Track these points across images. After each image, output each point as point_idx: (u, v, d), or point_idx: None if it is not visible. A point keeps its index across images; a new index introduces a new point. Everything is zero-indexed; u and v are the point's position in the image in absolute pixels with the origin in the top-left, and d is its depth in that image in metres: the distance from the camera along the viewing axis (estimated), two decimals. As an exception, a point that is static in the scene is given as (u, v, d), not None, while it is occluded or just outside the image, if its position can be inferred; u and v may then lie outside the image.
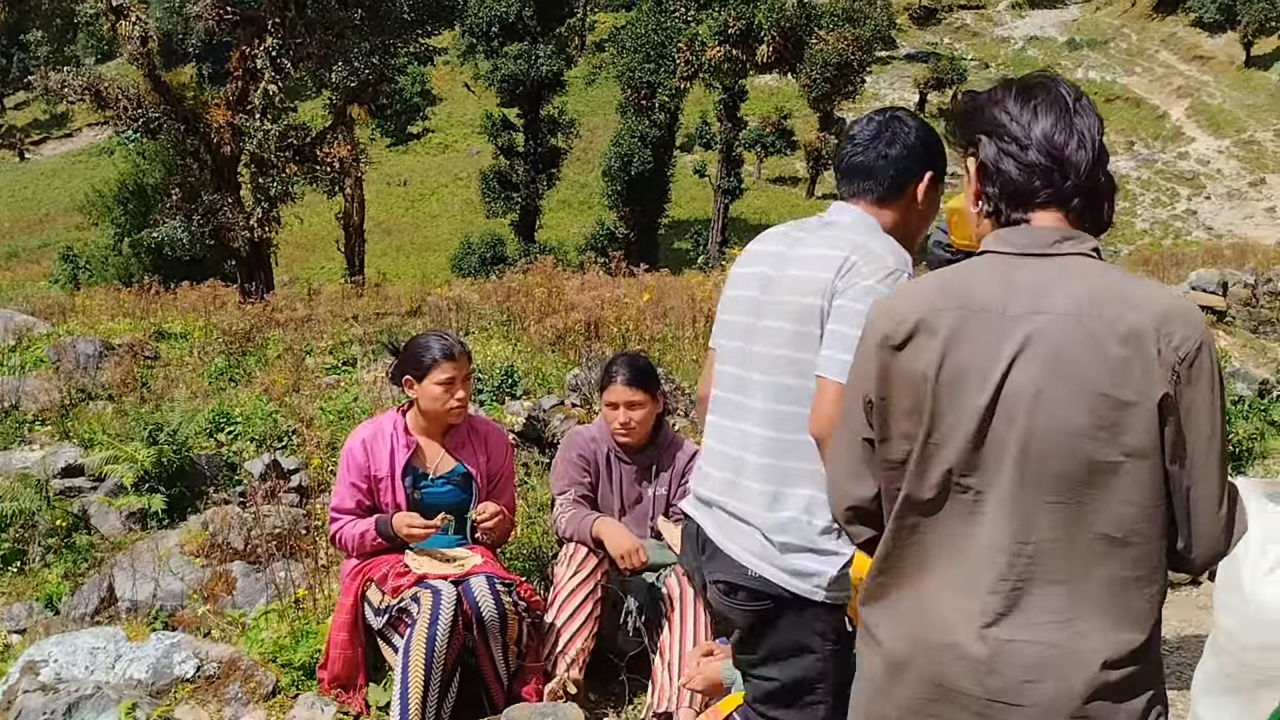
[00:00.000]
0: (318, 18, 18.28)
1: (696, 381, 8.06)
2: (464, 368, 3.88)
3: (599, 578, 3.88)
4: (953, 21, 63.25)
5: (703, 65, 32.22)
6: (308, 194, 20.24)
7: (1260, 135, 48.20)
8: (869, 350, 1.91)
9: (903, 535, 1.88)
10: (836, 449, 2.02)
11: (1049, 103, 1.88)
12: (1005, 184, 1.88)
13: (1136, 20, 61.17)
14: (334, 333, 10.63)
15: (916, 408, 1.84)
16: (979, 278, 1.85)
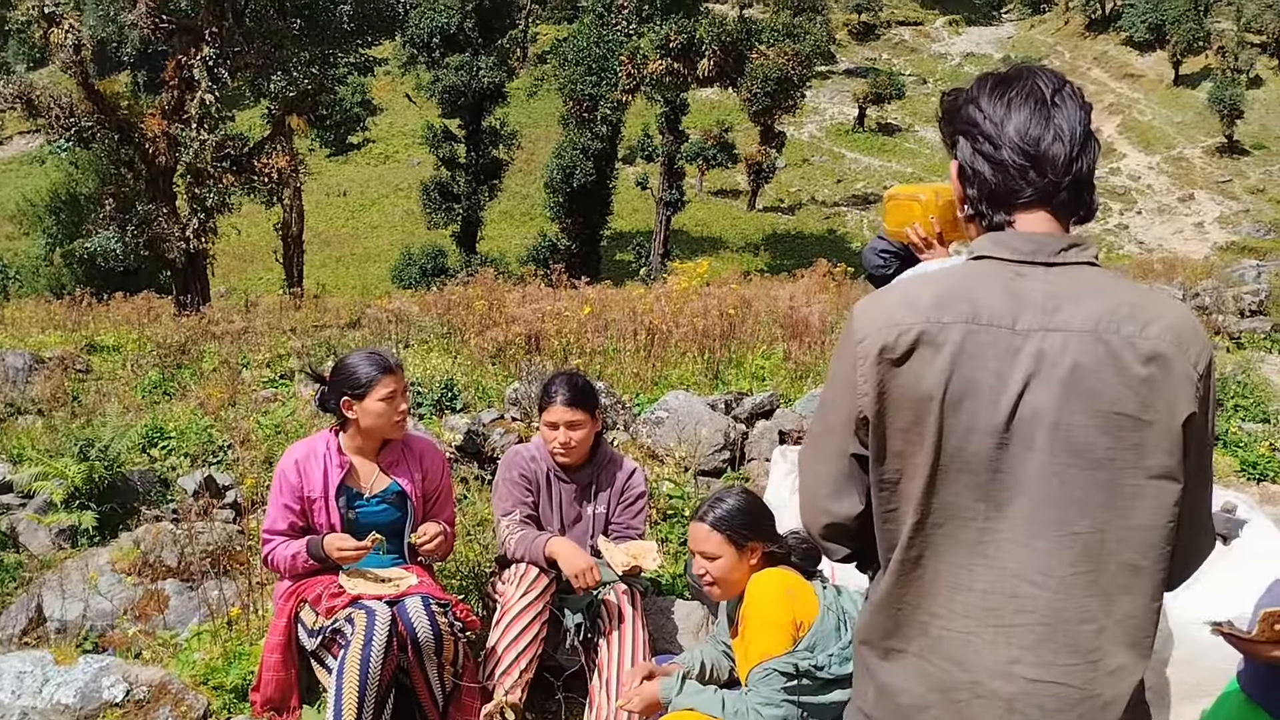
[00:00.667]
0: (256, 27, 18.13)
1: (637, 394, 8.08)
2: (402, 380, 3.86)
3: (547, 599, 3.86)
4: (891, 38, 64.06)
5: (644, 78, 32.28)
6: (245, 204, 20.02)
7: (1189, 152, 49.29)
8: (865, 362, 1.75)
9: (906, 568, 1.75)
10: (817, 463, 1.89)
11: (1024, 96, 1.79)
12: (982, 185, 1.80)
13: (1070, 39, 62.34)
14: (271, 345, 10.51)
15: (916, 426, 1.72)
16: (982, 287, 1.72)
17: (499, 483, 4.13)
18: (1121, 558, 1.68)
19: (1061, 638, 1.68)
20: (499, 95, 34.23)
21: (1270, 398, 8.87)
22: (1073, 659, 1.69)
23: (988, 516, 1.70)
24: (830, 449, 1.85)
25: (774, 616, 3.14)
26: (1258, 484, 7.33)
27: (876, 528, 1.81)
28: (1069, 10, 64.47)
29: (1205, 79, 52.32)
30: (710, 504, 3.36)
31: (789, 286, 14.02)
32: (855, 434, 1.79)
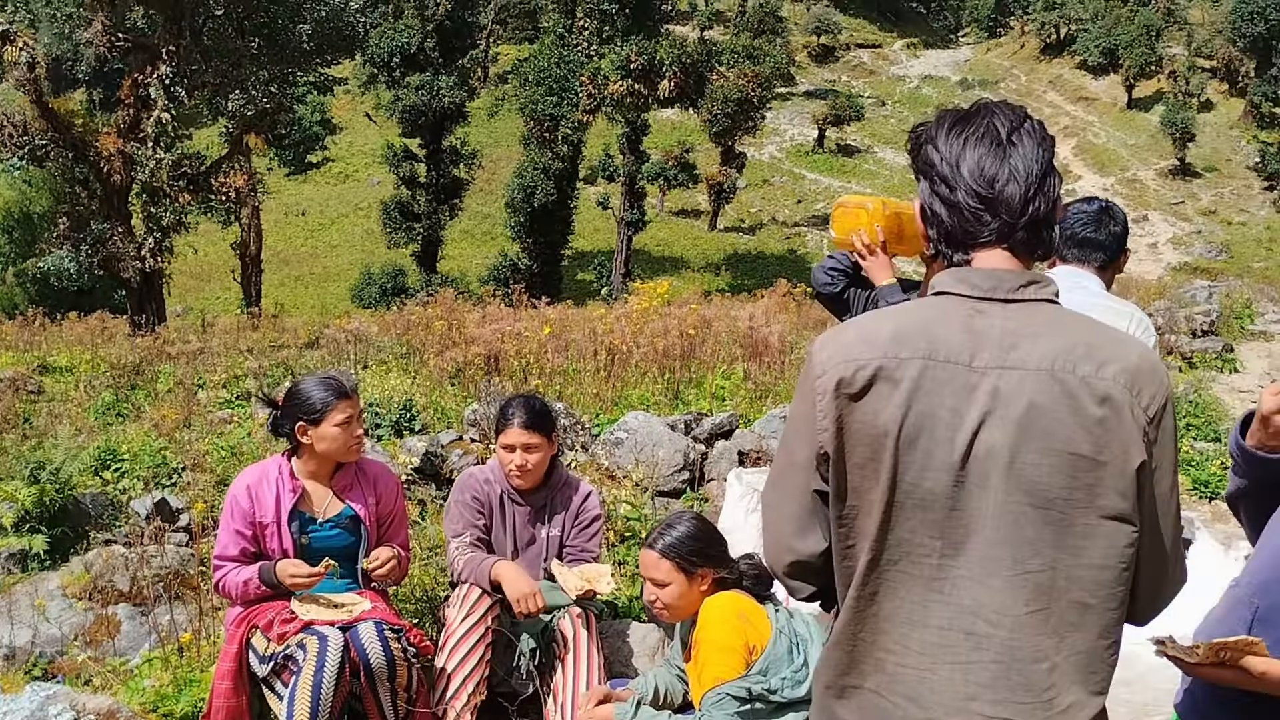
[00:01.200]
0: (214, 46, 18.04)
1: (597, 414, 8.07)
2: (357, 404, 3.84)
3: (490, 621, 3.84)
4: (850, 60, 64.64)
5: (605, 99, 32.38)
6: (203, 223, 19.88)
7: (1142, 174, 50.07)
8: (824, 398, 1.74)
9: (862, 605, 1.75)
10: (780, 501, 1.87)
11: (979, 136, 1.78)
12: (940, 226, 1.80)
13: (1025, 62, 63.18)
14: (228, 366, 10.42)
15: (872, 462, 1.71)
16: (940, 324, 1.72)
17: (451, 504, 4.12)
18: (1071, 596, 1.69)
19: (1016, 676, 1.69)
20: (459, 115, 34.20)
21: (1221, 417, 9.00)
22: (1028, 697, 1.69)
23: (943, 554, 1.71)
24: (793, 486, 1.84)
25: (727, 640, 3.14)
26: (1209, 502, 7.42)
27: (835, 564, 1.81)
28: (1024, 34, 65.37)
29: (1157, 103, 53.20)
30: (660, 531, 3.37)
31: (749, 306, 14.07)
32: (817, 470, 1.79)
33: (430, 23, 33.80)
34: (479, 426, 7.20)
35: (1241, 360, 12.05)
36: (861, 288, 3.90)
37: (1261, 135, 49.73)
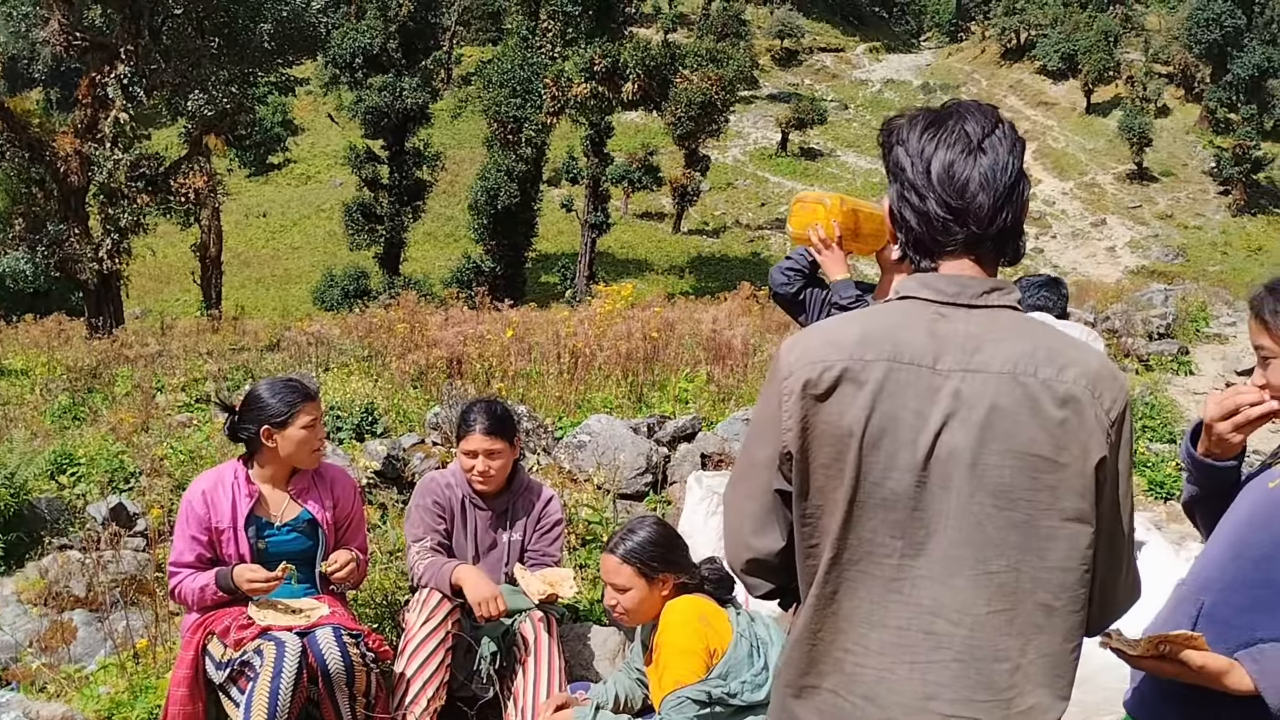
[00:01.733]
0: (173, 45, 17.87)
1: (560, 417, 8.06)
2: (320, 407, 3.83)
3: (450, 625, 3.82)
4: (813, 64, 64.97)
5: (569, 101, 32.37)
6: (162, 225, 19.68)
7: (1100, 178, 50.66)
8: (790, 398, 1.76)
9: (822, 604, 1.76)
10: (741, 499, 1.88)
11: (951, 142, 1.78)
12: (908, 233, 1.82)
13: (986, 67, 63.77)
14: (187, 369, 10.30)
15: (837, 462, 1.73)
16: (904, 327, 1.74)
17: (412, 508, 4.10)
18: (1036, 598, 1.71)
19: (976, 675, 1.71)
20: (422, 116, 34.06)
21: (1177, 419, 9.12)
22: (988, 696, 1.71)
23: (904, 554, 1.72)
24: (754, 485, 1.85)
25: (688, 644, 3.14)
26: (1165, 503, 7.51)
27: (798, 563, 1.81)
28: (985, 39, 65.97)
29: (1115, 107, 53.86)
30: (621, 536, 3.37)
31: (713, 309, 14.10)
32: (779, 470, 1.80)
33: (393, 24, 33.66)
34: (441, 430, 7.17)
35: (1196, 362, 12.21)
36: (819, 288, 3.92)
37: (1217, 140, 50.49)
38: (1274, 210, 48.20)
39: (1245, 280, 33.90)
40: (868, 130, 56.69)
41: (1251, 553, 2.17)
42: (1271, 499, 2.17)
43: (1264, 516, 2.16)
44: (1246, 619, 2.16)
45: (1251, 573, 2.16)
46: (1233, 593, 2.19)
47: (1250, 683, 2.05)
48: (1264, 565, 2.14)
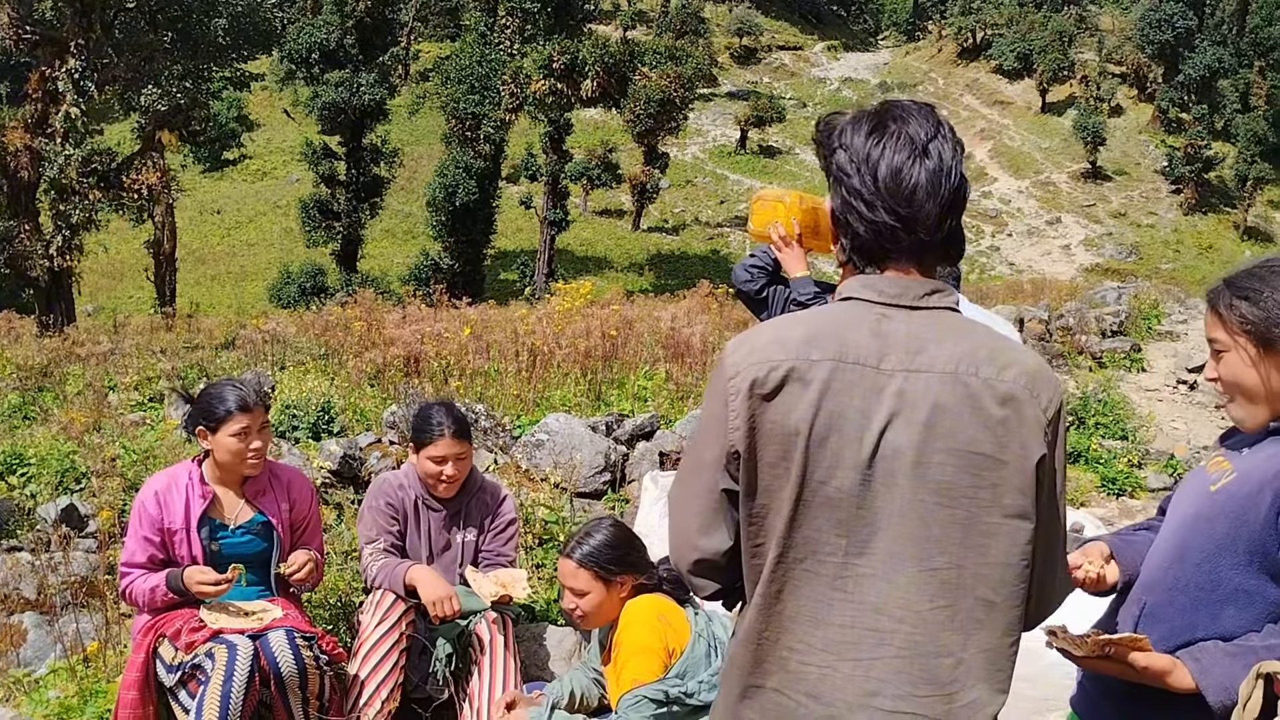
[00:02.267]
0: (125, 39, 17.66)
1: (518, 416, 8.04)
2: (259, 417, 3.73)
3: (404, 627, 3.81)
4: (772, 61, 65.19)
5: (528, 98, 32.29)
6: (114, 221, 19.43)
7: (1055, 177, 51.20)
8: (737, 397, 1.76)
9: (768, 603, 1.78)
10: (687, 499, 1.89)
11: (897, 147, 1.77)
12: (854, 238, 1.82)
13: (943, 66, 64.25)
14: (140, 367, 10.19)
15: (783, 461, 1.74)
16: (850, 327, 1.76)
17: (365, 510, 4.07)
18: (977, 593, 1.74)
19: (919, 670, 1.73)
20: (380, 112, 33.82)
21: (1129, 415, 9.23)
22: (930, 690, 1.73)
23: (848, 552, 1.74)
24: (701, 485, 1.85)
25: (646, 643, 3.14)
26: (1117, 499, 7.61)
27: (744, 563, 1.82)
28: (942, 38, 66.47)
29: (1070, 107, 54.46)
30: (578, 539, 3.37)
31: (671, 307, 14.12)
32: (726, 469, 1.80)
33: (350, 19, 33.41)
34: (398, 429, 7.13)
35: (1148, 360, 12.37)
36: (782, 286, 3.94)
37: (1169, 140, 51.17)
38: (1224, 209, 48.95)
39: (1197, 278, 34.43)
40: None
41: (1193, 555, 2.21)
42: (1214, 503, 2.20)
43: (1206, 520, 2.20)
44: (1188, 619, 2.20)
45: (1193, 575, 2.20)
46: (1176, 594, 2.23)
47: (1192, 681, 2.09)
48: (1205, 567, 2.18)
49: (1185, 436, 9.37)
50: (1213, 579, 2.17)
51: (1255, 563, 2.12)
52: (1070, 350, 11.88)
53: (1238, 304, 2.18)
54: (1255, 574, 2.13)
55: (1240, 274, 2.24)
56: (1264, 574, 2.12)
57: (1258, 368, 2.17)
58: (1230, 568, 2.15)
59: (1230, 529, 2.15)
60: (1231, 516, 2.15)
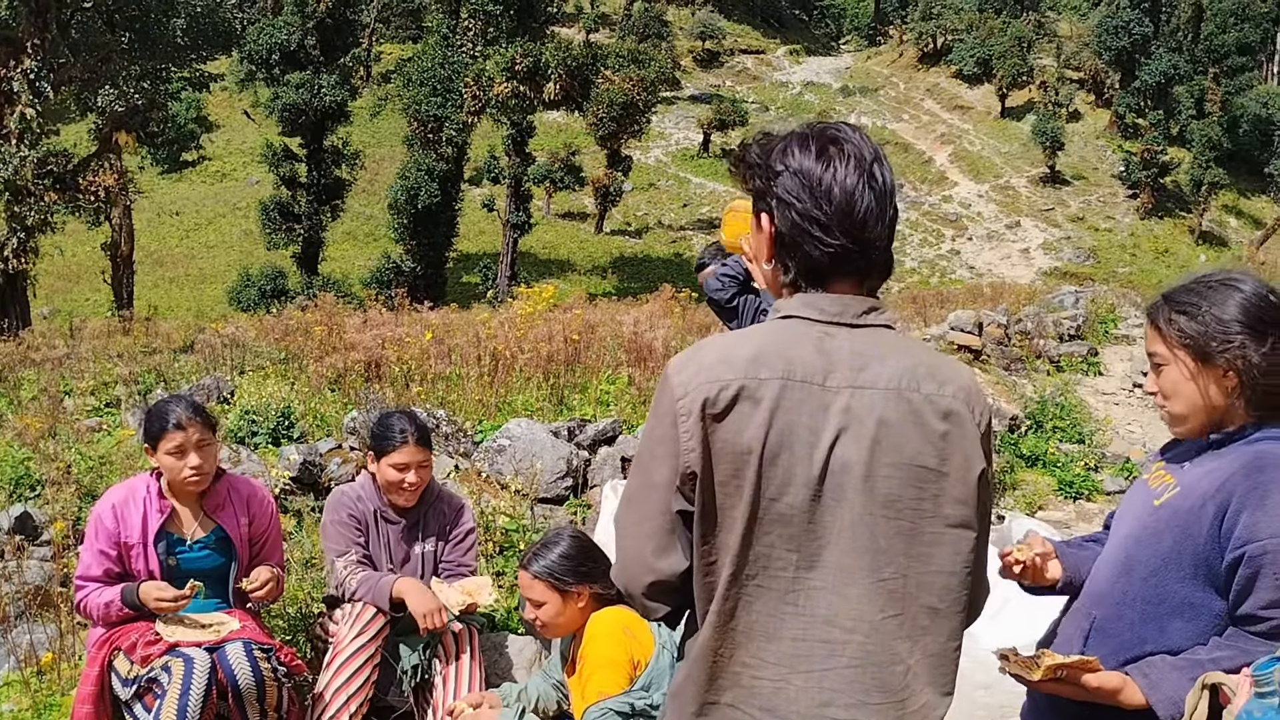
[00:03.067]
0: (82, 40, 17.46)
1: (480, 421, 8.01)
2: (196, 434, 3.64)
3: (380, 641, 3.78)
4: (734, 65, 65.35)
5: (490, 100, 32.21)
6: (71, 223, 19.20)
7: (1015, 181, 51.66)
8: (689, 419, 1.77)
9: (722, 620, 1.79)
10: (640, 522, 1.87)
11: (847, 170, 1.81)
12: (804, 260, 1.83)
13: (904, 70, 64.67)
14: (97, 372, 10.05)
15: (735, 479, 1.76)
16: (795, 346, 1.79)
17: (328, 524, 4.02)
18: (922, 601, 1.79)
19: (871, 679, 1.77)
20: (341, 114, 33.60)
21: (1086, 419, 9.33)
22: (882, 698, 1.78)
23: (798, 566, 1.77)
24: (653, 507, 1.84)
25: (611, 655, 3.14)
26: (1074, 502, 7.69)
27: (696, 582, 1.82)
28: (903, 43, 66.90)
29: (1029, 112, 54.94)
30: (535, 551, 3.37)
31: (634, 311, 14.13)
32: (680, 490, 1.80)
33: (311, 20, 33.18)
34: (359, 434, 7.09)
35: (1105, 363, 12.50)
36: (752, 295, 3.97)
37: (1125, 145, 51.75)
38: (1180, 213, 49.58)
39: (1153, 282, 34.84)
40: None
41: (1140, 570, 2.25)
42: (1158, 517, 2.24)
43: (1151, 534, 2.24)
44: (1136, 633, 2.24)
45: (1140, 588, 2.24)
46: (1124, 607, 2.27)
47: (1142, 697, 2.13)
48: (1152, 581, 2.22)
49: (1141, 440, 9.48)
50: (1159, 592, 2.21)
51: (1200, 576, 2.17)
52: (1029, 354, 11.98)
53: (1176, 319, 2.24)
54: (1201, 587, 2.17)
55: (1179, 289, 2.31)
56: (1209, 587, 2.17)
57: (1196, 381, 2.23)
58: (1176, 581, 2.19)
59: (1175, 543, 2.19)
60: (1176, 531, 2.19)
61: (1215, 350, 2.18)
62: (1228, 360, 2.18)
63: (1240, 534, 2.09)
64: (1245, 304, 2.19)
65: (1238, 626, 2.13)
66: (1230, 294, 2.21)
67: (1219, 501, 2.13)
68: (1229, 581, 2.13)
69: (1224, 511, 2.12)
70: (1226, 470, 2.16)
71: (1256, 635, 2.09)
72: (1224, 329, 2.18)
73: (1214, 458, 2.22)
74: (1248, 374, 2.17)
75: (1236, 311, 2.19)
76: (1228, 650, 2.11)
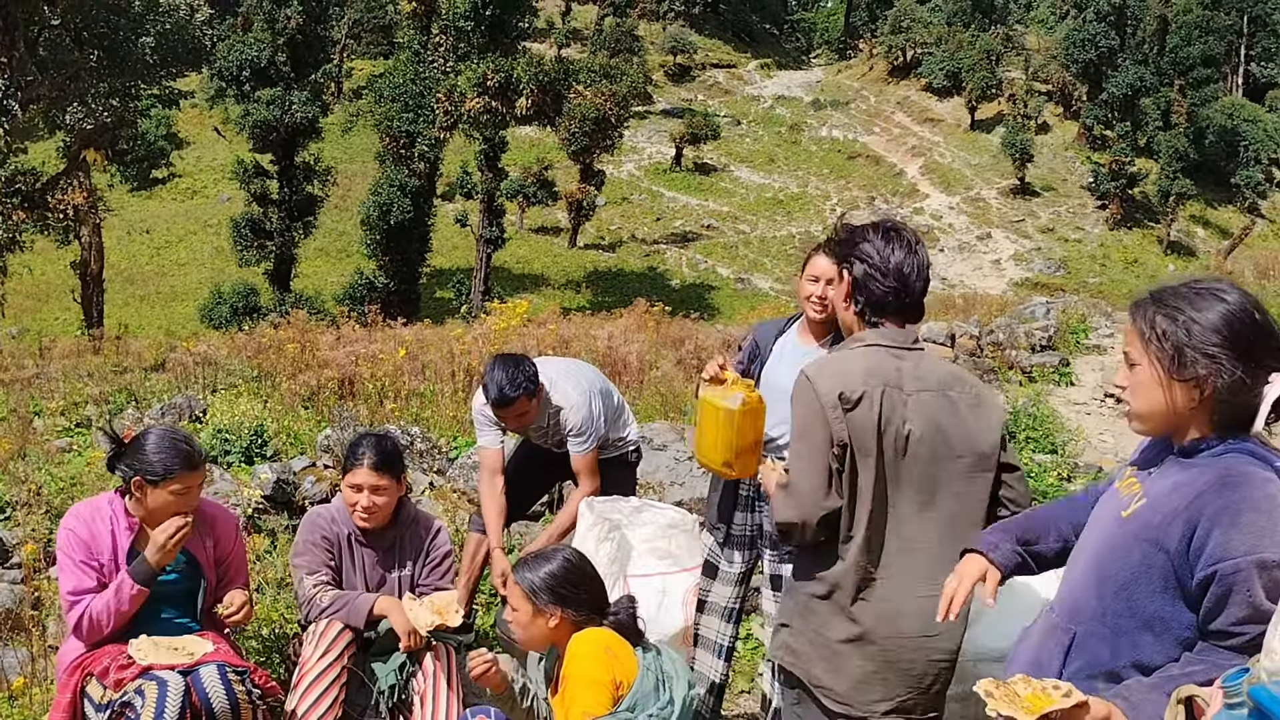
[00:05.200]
0: (50, 57, 17.35)
1: (455, 437, 7.98)
2: (202, 475, 3.65)
3: (346, 659, 3.76)
4: (706, 79, 65.58)
5: (462, 116, 32.20)
6: (40, 241, 19.05)
7: (985, 193, 52.04)
8: (834, 410, 2.79)
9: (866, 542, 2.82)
10: (810, 473, 2.81)
11: (900, 244, 2.90)
12: (869, 297, 2.91)
13: (874, 84, 65.07)
14: (67, 392, 9.97)
15: (867, 446, 2.79)
16: (884, 364, 2.84)
17: (300, 544, 3.99)
18: (967, 521, 2.88)
19: (940, 574, 2.68)
20: (313, 130, 33.50)
21: (1059, 429, 9.38)
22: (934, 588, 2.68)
23: (893, 502, 2.85)
24: (817, 464, 2.81)
25: (594, 675, 3.12)
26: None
27: (845, 516, 2.83)
28: (873, 57, 67.32)
29: (999, 124, 55.37)
30: (529, 560, 3.36)
31: (608, 325, 14.14)
32: (831, 452, 2.80)
33: (281, 36, 33.10)
34: (332, 452, 7.06)
35: (1076, 374, 12.59)
36: None
37: (1094, 156, 52.21)
38: (1148, 224, 50.05)
39: (1123, 291, 35.14)
40: (760, 145, 57.41)
41: (1111, 584, 2.26)
42: (1126, 530, 2.26)
43: (1122, 548, 2.26)
44: (1112, 646, 2.26)
45: (1113, 602, 2.26)
46: (1098, 623, 2.29)
47: None
48: (1123, 595, 2.24)
49: (1113, 449, 9.55)
50: (1130, 606, 2.23)
51: (1170, 590, 2.18)
52: (1001, 365, 12.06)
53: (1158, 321, 2.23)
54: (1171, 601, 2.19)
55: (1166, 290, 2.29)
56: (1178, 601, 2.18)
57: (1163, 386, 2.22)
58: (1146, 595, 2.21)
59: (1144, 557, 2.21)
60: (1145, 545, 2.21)
61: (1188, 361, 2.17)
62: (1198, 373, 2.17)
63: (1212, 552, 2.11)
64: (1228, 317, 2.18)
65: (1208, 641, 2.15)
66: (1215, 304, 2.19)
67: (1188, 518, 2.14)
68: (1199, 597, 2.14)
69: (1194, 528, 2.13)
70: (1195, 486, 2.17)
71: (1227, 650, 2.11)
72: (1202, 340, 2.17)
73: (1180, 468, 2.23)
74: (1215, 389, 2.17)
75: (1218, 323, 2.17)
76: (1200, 664, 2.12)
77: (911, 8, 64.22)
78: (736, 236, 47.20)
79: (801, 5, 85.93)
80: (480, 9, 32.86)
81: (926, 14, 64.22)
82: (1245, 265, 26.86)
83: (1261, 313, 2.20)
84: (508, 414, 4.32)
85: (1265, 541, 2.07)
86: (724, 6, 72.04)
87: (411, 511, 4.17)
